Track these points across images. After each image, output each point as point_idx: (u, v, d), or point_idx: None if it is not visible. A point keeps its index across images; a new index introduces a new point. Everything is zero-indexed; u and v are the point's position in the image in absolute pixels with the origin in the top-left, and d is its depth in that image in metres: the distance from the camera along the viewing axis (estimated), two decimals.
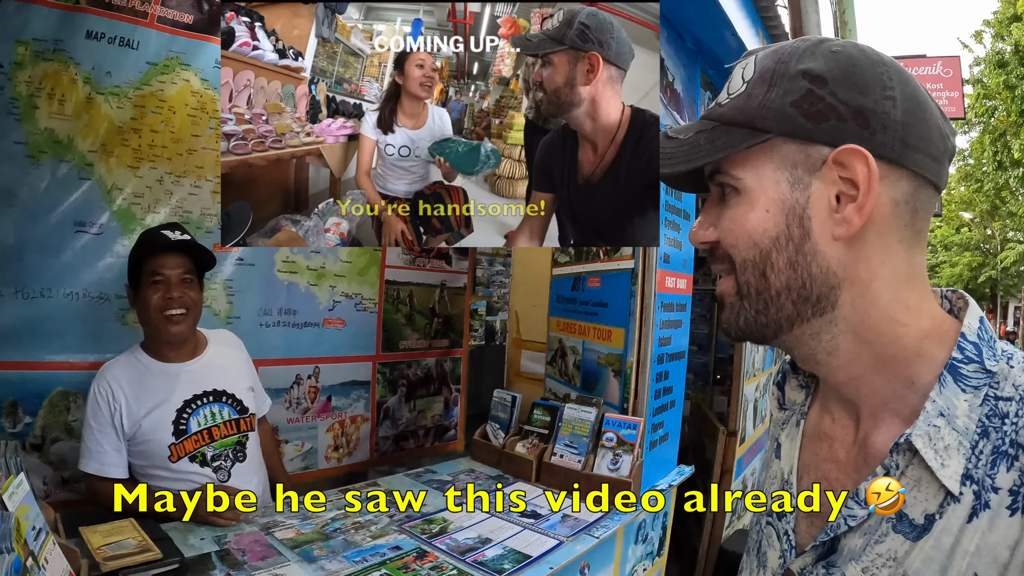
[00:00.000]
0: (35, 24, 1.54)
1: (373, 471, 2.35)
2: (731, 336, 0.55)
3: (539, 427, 1.94)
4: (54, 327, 1.61)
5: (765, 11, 2.45)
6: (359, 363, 2.37)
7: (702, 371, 3.27)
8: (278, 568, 1.21)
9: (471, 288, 2.96)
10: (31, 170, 1.56)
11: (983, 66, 11.44)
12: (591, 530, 1.49)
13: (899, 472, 0.47)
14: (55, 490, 1.62)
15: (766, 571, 0.58)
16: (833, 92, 0.47)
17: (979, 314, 0.50)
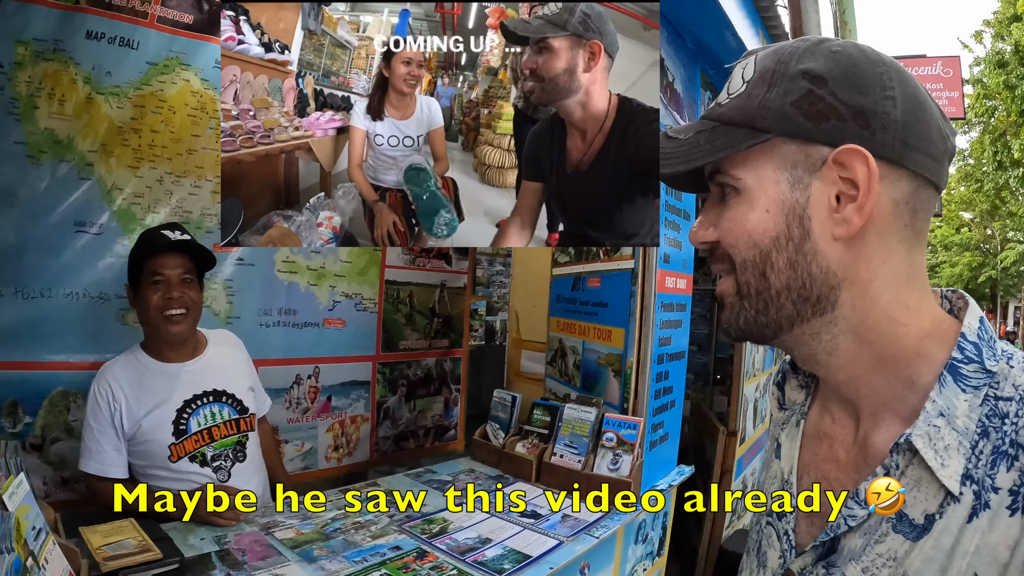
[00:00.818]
0: (35, 24, 1.54)
1: (373, 471, 2.35)
2: (731, 336, 0.55)
3: (539, 427, 1.94)
4: (54, 327, 1.61)
5: (765, 11, 2.45)
6: (359, 363, 2.37)
7: (702, 371, 3.27)
8: (278, 568, 1.21)
9: (471, 288, 2.96)
10: (31, 170, 1.56)
11: (983, 66, 11.45)
12: (591, 530, 1.49)
13: (899, 472, 0.47)
14: (55, 490, 1.62)
15: (766, 571, 0.58)
16: (833, 92, 0.47)
17: (979, 314, 0.50)
